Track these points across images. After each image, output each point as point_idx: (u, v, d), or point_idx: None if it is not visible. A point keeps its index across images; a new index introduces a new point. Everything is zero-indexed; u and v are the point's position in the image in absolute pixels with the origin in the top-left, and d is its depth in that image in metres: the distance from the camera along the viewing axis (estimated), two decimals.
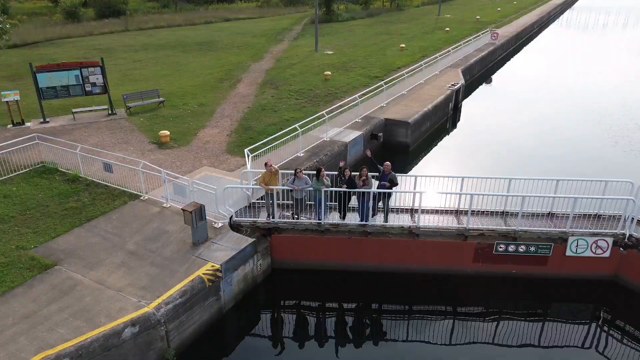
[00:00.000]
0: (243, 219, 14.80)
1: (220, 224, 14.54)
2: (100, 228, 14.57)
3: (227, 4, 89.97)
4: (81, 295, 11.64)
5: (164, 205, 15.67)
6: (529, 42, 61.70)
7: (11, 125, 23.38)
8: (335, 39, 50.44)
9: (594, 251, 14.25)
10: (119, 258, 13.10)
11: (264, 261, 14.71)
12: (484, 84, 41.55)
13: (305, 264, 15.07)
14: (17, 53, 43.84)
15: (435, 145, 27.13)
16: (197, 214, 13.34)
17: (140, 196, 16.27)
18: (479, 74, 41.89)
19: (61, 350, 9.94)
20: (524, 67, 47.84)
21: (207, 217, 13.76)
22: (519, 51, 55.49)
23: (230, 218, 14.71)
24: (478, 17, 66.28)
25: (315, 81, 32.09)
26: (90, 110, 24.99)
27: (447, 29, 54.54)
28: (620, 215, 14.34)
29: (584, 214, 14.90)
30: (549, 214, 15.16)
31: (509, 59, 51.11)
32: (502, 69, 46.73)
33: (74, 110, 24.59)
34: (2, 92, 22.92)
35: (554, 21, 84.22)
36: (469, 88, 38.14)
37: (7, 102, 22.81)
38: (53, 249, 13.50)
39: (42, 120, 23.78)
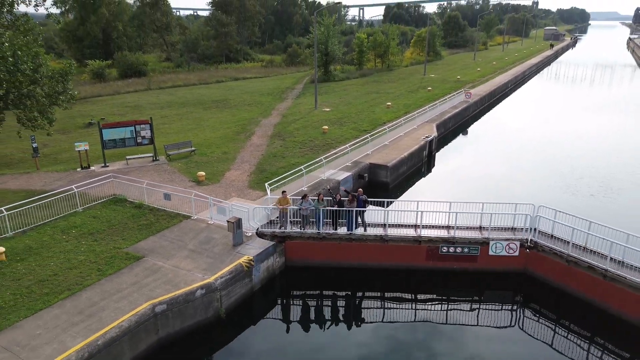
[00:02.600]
0: (265, 229, 21.31)
1: (250, 233, 21.04)
2: (167, 236, 21.06)
3: (235, 64, 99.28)
4: (165, 273, 18.02)
5: (209, 222, 22.20)
6: (504, 98, 69.82)
7: (80, 168, 30.20)
8: (332, 97, 58.28)
9: (507, 252, 20.70)
10: (184, 253, 19.54)
11: (280, 259, 21.13)
12: (460, 135, 48.88)
13: (310, 262, 21.46)
14: (58, 110, 51.32)
15: (412, 184, 33.88)
16: (236, 224, 19.89)
17: (191, 216, 22.83)
18: (454, 127, 49.26)
19: (161, 299, 16.24)
20: (497, 120, 55.46)
21: (242, 227, 20.29)
22: (493, 107, 63.35)
23: (257, 229, 21.24)
24: (459, 77, 74.82)
25: (315, 134, 39.20)
26: (139, 157, 31.89)
27: (429, 88, 62.63)
28: (526, 227, 20.88)
29: (503, 227, 21.46)
30: (479, 227, 21.67)
31: (485, 113, 58.82)
32: (477, 122, 54.21)
33: (127, 157, 31.54)
34: (75, 143, 29.92)
35: (535, 75, 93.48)
36: (446, 139, 45.48)
37: (78, 151, 29.76)
38: (138, 249, 19.94)
39: (103, 164, 30.63)
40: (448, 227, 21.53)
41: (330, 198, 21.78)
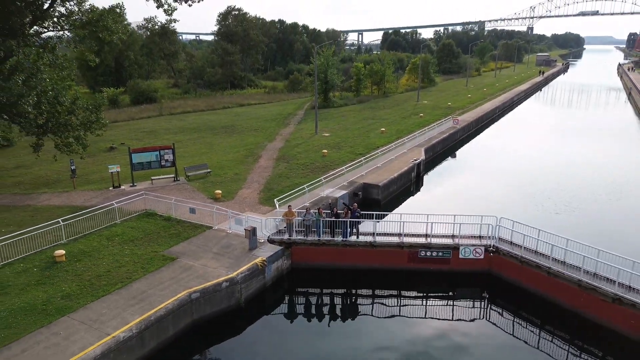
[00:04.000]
0: (275, 237, 25.82)
1: (262, 240, 25.53)
2: (194, 243, 25.55)
3: (239, 90, 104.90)
4: (196, 270, 22.47)
5: (228, 231, 26.71)
6: (492, 123, 74.83)
7: (112, 187, 34.80)
8: (331, 123, 63.24)
9: (474, 255, 25.16)
10: (210, 255, 24.01)
11: (287, 261, 25.59)
12: (449, 158, 53.65)
13: (312, 264, 25.88)
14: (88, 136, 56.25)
15: (402, 201, 38.42)
16: (252, 232, 24.43)
17: (212, 227, 27.34)
18: (442, 150, 54.02)
19: (195, 289, 20.66)
20: (482, 144, 60.35)
21: (256, 235, 24.81)
22: (481, 131, 68.31)
23: (268, 237, 25.74)
24: (450, 103, 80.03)
25: (315, 157, 43.89)
26: (162, 178, 36.53)
27: (421, 114, 67.70)
28: (489, 235, 25.38)
29: (471, 235, 25.97)
30: (452, 235, 26.15)
31: (473, 138, 63.71)
32: (465, 146, 58.99)
33: (152, 177, 36.20)
34: (108, 166, 34.65)
35: (523, 101, 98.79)
36: (435, 161, 50.25)
37: (111, 172, 34.44)
38: (172, 252, 24.41)
39: (131, 184, 35.23)
40: (426, 235, 25.97)
41: (329, 211, 26.34)
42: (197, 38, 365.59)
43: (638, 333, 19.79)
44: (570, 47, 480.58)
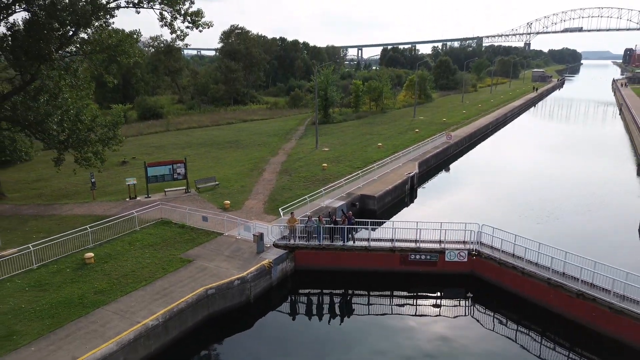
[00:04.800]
0: (280, 242, 28.74)
1: (268, 245, 28.45)
2: (207, 247, 28.46)
3: (242, 106, 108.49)
4: (211, 270, 25.36)
5: (237, 237, 29.63)
6: (485, 138, 78.02)
7: (128, 199, 37.79)
8: (330, 138, 66.44)
9: (459, 258, 28.05)
10: (222, 258, 26.92)
11: (291, 264, 28.48)
12: (442, 171, 56.70)
13: (313, 267, 28.76)
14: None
15: (396, 211, 41.34)
16: (260, 237, 27.37)
17: (223, 233, 30.27)
18: (436, 164, 57.09)
19: (211, 286, 23.54)
20: (474, 158, 63.51)
21: (263, 240, 27.74)
22: (474, 146, 71.47)
23: (273, 242, 28.67)
24: (444, 119, 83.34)
25: (316, 170, 46.90)
26: (174, 190, 39.55)
27: (417, 130, 70.94)
28: (472, 240, 28.31)
29: (456, 240, 28.89)
30: (439, 240, 29.06)
31: (466, 152, 66.83)
32: (458, 160, 62.04)
33: (165, 189, 39.22)
34: (126, 179, 37.70)
35: (517, 117, 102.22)
36: (429, 174, 53.30)
37: (128, 185, 37.47)
38: (188, 255, 27.32)
39: (146, 195, 38.22)
40: (415, 240, 28.90)
41: (328, 218, 29.30)
42: (199, 53, 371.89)
43: (597, 324, 22.61)
44: (567, 62, 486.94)
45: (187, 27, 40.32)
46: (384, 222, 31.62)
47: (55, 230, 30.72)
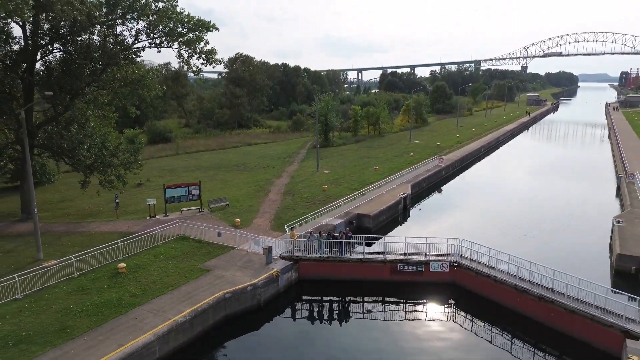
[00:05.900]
0: (285, 254, 32.94)
1: (276, 257, 32.63)
2: (222, 259, 32.65)
3: (246, 129, 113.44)
4: (227, 278, 29.52)
5: (248, 250, 33.82)
6: (478, 161, 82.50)
7: (149, 217, 42.08)
8: (330, 161, 70.95)
9: (442, 269, 32.19)
10: (236, 268, 31.09)
11: (295, 274, 32.63)
12: (435, 192, 61.01)
13: (315, 276, 32.89)
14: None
15: (390, 229, 45.52)
16: (269, 250, 31.60)
17: (235, 247, 34.47)
18: (428, 186, 61.47)
19: (228, 291, 27.68)
20: (465, 180, 67.90)
21: (272, 252, 31.95)
22: (467, 169, 75.91)
23: (280, 254, 32.87)
24: (439, 143, 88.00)
25: (317, 191, 51.20)
26: (189, 209, 43.86)
27: (412, 153, 75.51)
28: (453, 253, 32.49)
29: (440, 253, 33.07)
30: (424, 253, 33.22)
31: (458, 174, 71.22)
32: (450, 182, 66.42)
33: (181, 209, 43.54)
34: (147, 199, 42.03)
35: (510, 140, 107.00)
36: (422, 195, 57.61)
37: (149, 205, 41.81)
38: (206, 265, 31.50)
39: (165, 214, 42.51)
40: (404, 253, 33.09)
41: (328, 234, 33.59)
42: (202, 76, 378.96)
43: (556, 322, 26.66)
44: (564, 85, 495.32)
45: (202, 64, 45.29)
46: (377, 237, 36.01)
47: (87, 244, 34.91)
